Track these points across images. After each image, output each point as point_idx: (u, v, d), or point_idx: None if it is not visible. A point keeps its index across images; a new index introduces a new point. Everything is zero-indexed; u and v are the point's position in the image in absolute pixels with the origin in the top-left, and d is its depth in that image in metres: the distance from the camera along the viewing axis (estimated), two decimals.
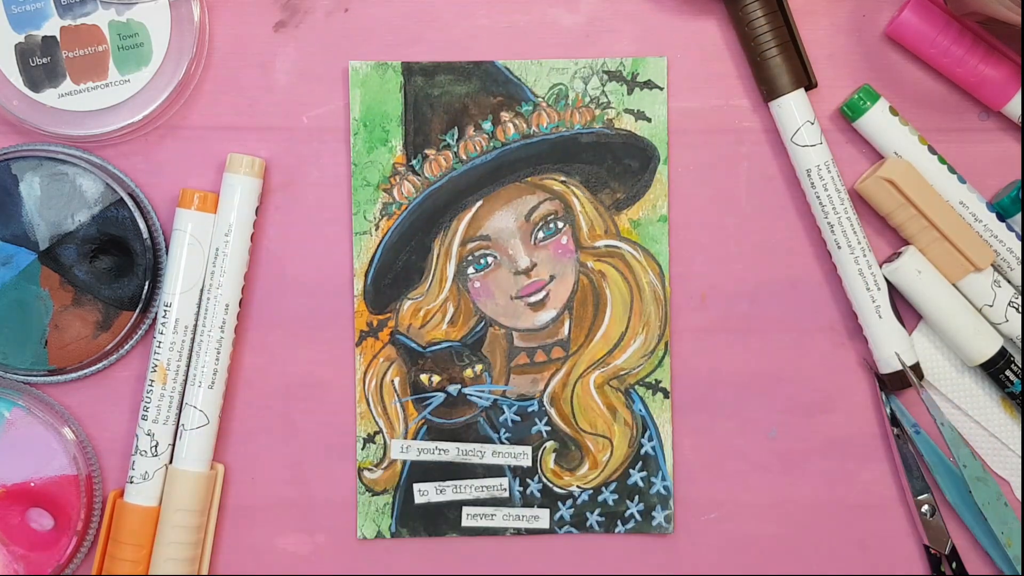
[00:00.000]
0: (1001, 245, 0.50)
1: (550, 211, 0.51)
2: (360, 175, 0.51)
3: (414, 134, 0.50)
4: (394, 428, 0.51)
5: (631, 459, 0.52)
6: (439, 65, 0.50)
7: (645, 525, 0.52)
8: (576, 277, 0.51)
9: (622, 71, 0.51)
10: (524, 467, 0.52)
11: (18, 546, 0.50)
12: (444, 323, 0.51)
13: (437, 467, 0.52)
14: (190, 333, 0.49)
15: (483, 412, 0.52)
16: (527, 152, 0.51)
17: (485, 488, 0.52)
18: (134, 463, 0.49)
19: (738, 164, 0.51)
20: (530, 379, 0.52)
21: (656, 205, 0.51)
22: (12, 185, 0.49)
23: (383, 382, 0.51)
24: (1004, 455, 0.51)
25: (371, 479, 0.52)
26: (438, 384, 0.51)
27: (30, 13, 0.48)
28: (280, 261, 0.51)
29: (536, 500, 0.52)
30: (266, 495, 0.52)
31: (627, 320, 0.51)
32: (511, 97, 0.51)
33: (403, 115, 0.50)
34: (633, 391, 0.52)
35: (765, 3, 0.49)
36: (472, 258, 0.51)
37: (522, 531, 0.52)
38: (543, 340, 0.51)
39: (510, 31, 0.51)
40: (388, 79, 0.50)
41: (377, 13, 0.51)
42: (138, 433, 0.49)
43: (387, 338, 0.51)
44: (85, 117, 0.49)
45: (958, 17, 0.49)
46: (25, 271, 0.49)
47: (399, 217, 0.51)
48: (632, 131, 0.51)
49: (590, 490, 0.52)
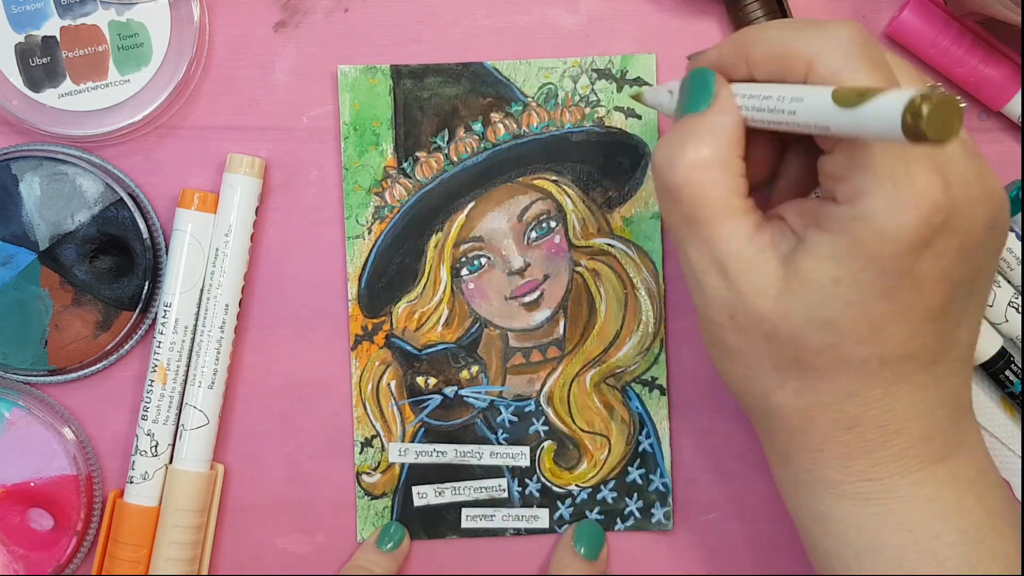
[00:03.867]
0: None
1: (542, 211, 0.51)
2: (351, 179, 0.51)
3: (404, 137, 0.51)
4: (392, 431, 0.52)
5: (629, 457, 0.52)
6: (428, 67, 0.50)
7: (644, 522, 0.52)
8: (570, 276, 0.51)
9: (611, 68, 0.50)
10: (523, 467, 0.52)
11: (18, 546, 0.50)
12: (439, 325, 0.51)
13: (435, 469, 0.52)
14: (190, 333, 0.50)
15: (480, 413, 0.52)
16: (518, 152, 0.51)
17: (484, 489, 0.52)
18: (134, 463, 0.49)
19: None
20: (526, 379, 0.52)
21: (648, 202, 0.51)
22: (12, 185, 0.49)
23: (379, 385, 0.51)
24: (1004, 455, 0.51)
25: (369, 483, 0.52)
26: (434, 386, 0.51)
27: (30, 13, 0.48)
28: (279, 261, 0.51)
29: (535, 500, 0.52)
30: (266, 495, 0.52)
31: (622, 318, 0.51)
32: (501, 98, 0.51)
33: (393, 118, 0.51)
34: (630, 389, 0.51)
35: (765, 3, 0.49)
36: (465, 260, 0.51)
37: (522, 531, 0.52)
38: (538, 340, 0.51)
39: (510, 31, 0.51)
40: (377, 82, 0.50)
41: (377, 13, 0.51)
42: (138, 433, 0.49)
43: (382, 341, 0.51)
44: (85, 117, 0.49)
45: (958, 17, 0.49)
46: (25, 271, 0.49)
47: (391, 220, 0.51)
48: (623, 128, 0.51)
49: (589, 488, 0.52)
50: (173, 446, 0.50)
